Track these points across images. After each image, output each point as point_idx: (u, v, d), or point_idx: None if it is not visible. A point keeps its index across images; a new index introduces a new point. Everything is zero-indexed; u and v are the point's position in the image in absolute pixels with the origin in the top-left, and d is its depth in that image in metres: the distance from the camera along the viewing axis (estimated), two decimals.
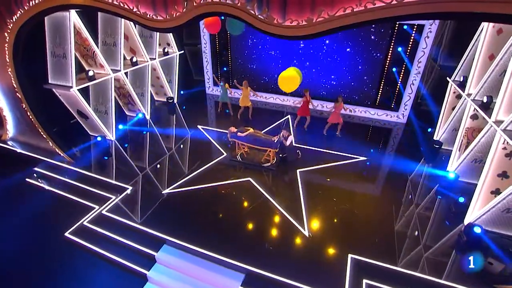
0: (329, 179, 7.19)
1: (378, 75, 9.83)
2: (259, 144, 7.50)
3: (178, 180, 7.00)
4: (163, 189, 6.77)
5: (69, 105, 8.20)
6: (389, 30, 8.98)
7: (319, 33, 3.67)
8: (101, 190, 6.74)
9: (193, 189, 6.75)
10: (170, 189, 6.75)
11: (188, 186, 6.84)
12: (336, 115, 8.70)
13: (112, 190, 6.71)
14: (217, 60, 12.16)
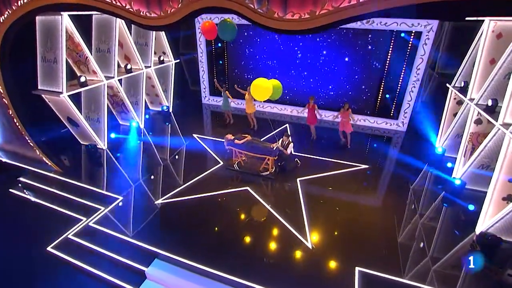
0: (331, 187, 6.87)
1: (377, 83, 9.73)
2: (257, 152, 7.21)
3: (172, 190, 6.63)
4: (156, 199, 6.38)
5: (59, 112, 7.87)
6: (387, 38, 8.96)
7: (323, 27, 3.48)
8: (90, 201, 6.33)
9: (188, 200, 6.38)
10: (163, 200, 6.36)
11: (182, 196, 6.47)
12: (344, 123, 8.44)
13: (101, 201, 6.30)
14: (213, 69, 12.03)
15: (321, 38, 9.81)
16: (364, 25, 8.80)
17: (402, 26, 8.45)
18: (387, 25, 8.59)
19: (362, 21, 8.73)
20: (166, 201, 6.31)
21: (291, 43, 10.27)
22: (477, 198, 5.96)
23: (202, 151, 8.54)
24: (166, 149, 8.92)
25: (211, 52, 11.64)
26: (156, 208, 6.14)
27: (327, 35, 9.67)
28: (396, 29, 8.59)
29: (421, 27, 8.24)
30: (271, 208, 6.05)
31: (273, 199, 6.46)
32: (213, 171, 7.52)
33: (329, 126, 10.23)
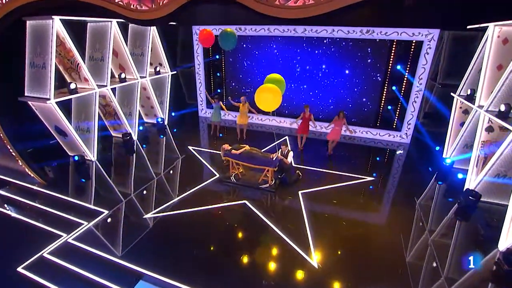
0: (335, 201, 6.37)
1: (378, 95, 9.50)
2: (255, 163, 6.75)
3: (162, 204, 6.09)
4: (145, 213, 5.82)
5: (46, 121, 7.44)
6: (387, 48, 8.82)
7: (328, 14, 3.18)
8: (72, 215, 5.75)
9: (179, 214, 5.83)
10: (152, 214, 5.81)
11: (173, 211, 5.93)
12: (335, 131, 8.08)
13: (85, 215, 5.72)
14: (210, 82, 11.82)
15: (320, 51, 9.66)
16: (364, 35, 8.69)
17: (402, 36, 8.34)
18: (387, 35, 8.47)
19: (362, 31, 8.63)
20: (156, 215, 5.76)
21: (290, 56, 10.11)
22: (495, 211, 5.50)
23: (197, 164, 8.08)
24: (159, 162, 8.45)
25: (209, 64, 11.47)
26: (145, 223, 5.57)
27: (327, 47, 9.54)
28: (396, 38, 8.47)
29: (422, 37, 8.12)
30: (272, 223, 5.51)
31: (273, 214, 5.93)
32: (208, 183, 7.02)
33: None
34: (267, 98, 5.58)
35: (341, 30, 8.85)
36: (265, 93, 5.56)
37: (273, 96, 5.57)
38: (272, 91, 5.58)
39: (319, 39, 9.50)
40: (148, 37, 9.39)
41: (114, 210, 5.90)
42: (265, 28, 9.71)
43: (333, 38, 9.26)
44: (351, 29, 8.73)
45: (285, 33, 9.59)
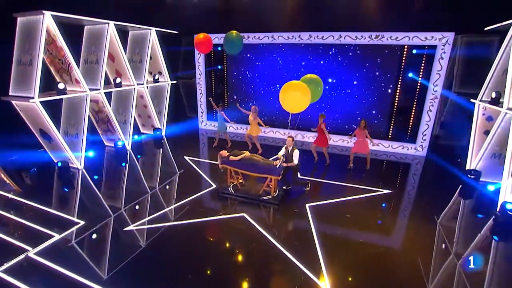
0: (349, 215, 5.51)
1: (389, 105, 8.88)
2: (256, 171, 5.99)
3: (147, 215, 5.31)
4: (127, 225, 5.02)
5: (31, 123, 6.89)
6: (398, 55, 8.34)
7: None
8: (43, 226, 4.96)
9: (167, 227, 5.02)
10: (135, 226, 5.00)
11: (159, 223, 5.12)
12: (360, 143, 7.34)
13: (57, 226, 4.93)
14: (212, 93, 11.38)
15: (326, 61, 9.22)
16: (373, 40, 8.25)
17: (414, 40, 7.88)
18: (398, 40, 8.02)
19: (371, 37, 8.21)
20: (139, 228, 4.95)
21: (294, 67, 9.66)
22: None
23: (192, 174, 7.34)
24: (152, 173, 7.74)
25: (210, 74, 11.09)
26: (125, 237, 4.76)
27: (333, 57, 9.09)
28: (408, 43, 8.01)
29: (436, 41, 7.65)
30: (275, 240, 4.65)
31: (276, 229, 5.08)
32: (203, 194, 6.25)
33: (337, 151, 9.15)
34: (294, 97, 4.99)
35: (349, 35, 8.45)
36: (291, 91, 4.99)
37: (301, 94, 4.99)
38: (300, 88, 5.00)
39: (325, 48, 9.09)
40: (148, 44, 9.08)
41: (90, 221, 5.11)
42: (269, 35, 9.38)
43: (340, 45, 8.84)
44: (359, 34, 8.31)
45: (290, 40, 9.23)
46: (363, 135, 7.22)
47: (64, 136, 7.44)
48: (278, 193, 6.08)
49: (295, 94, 5.14)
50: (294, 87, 5.17)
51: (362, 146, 7.31)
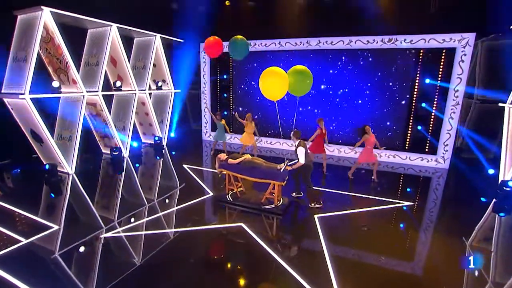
0: (366, 227, 4.71)
1: (405, 113, 8.21)
2: (257, 176, 5.32)
3: (131, 221, 4.67)
4: (105, 231, 4.37)
5: (22, 123, 6.56)
6: (413, 59, 7.81)
7: None
8: (13, 231, 4.38)
9: (148, 236, 4.35)
10: (113, 233, 4.35)
11: (142, 231, 4.46)
12: (367, 152, 6.63)
13: (30, 231, 4.35)
14: (216, 103, 11.02)
15: (336, 71, 8.76)
16: (386, 44, 7.79)
17: (431, 43, 7.36)
18: (412, 43, 7.52)
19: (383, 40, 7.75)
20: (116, 235, 4.29)
21: None
22: None
23: (189, 181, 6.72)
24: (145, 181, 7.18)
25: (216, 83, 10.80)
26: (101, 243, 4.09)
27: (344, 65, 8.63)
28: (423, 46, 7.49)
29: (455, 43, 7.10)
30: (277, 255, 3.88)
31: (280, 243, 4.33)
32: (198, 202, 5.58)
33: (349, 163, 8.40)
34: (272, 84, 4.52)
35: (360, 40, 8.02)
36: (269, 77, 4.51)
37: (278, 81, 4.51)
38: (277, 75, 4.52)
39: (335, 56, 8.67)
40: (152, 50, 8.91)
41: (66, 225, 4.50)
42: (276, 42, 9.09)
43: (350, 52, 8.40)
44: (370, 38, 7.88)
45: (298, 47, 8.88)
46: (371, 142, 6.51)
47: (57, 140, 7.09)
48: (283, 201, 5.37)
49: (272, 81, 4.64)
50: (272, 74, 4.67)
51: (371, 155, 6.59)
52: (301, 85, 4.85)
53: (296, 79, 4.77)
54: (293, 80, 4.73)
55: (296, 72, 4.83)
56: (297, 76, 4.78)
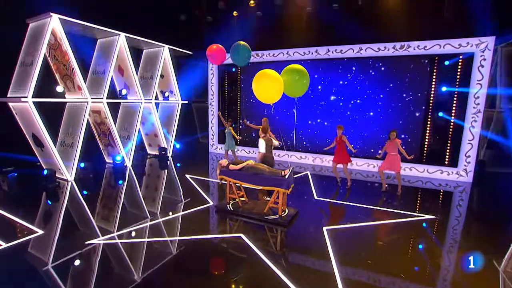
0: (382, 241, 4.17)
1: (420, 124, 7.73)
2: (261, 183, 4.92)
3: (119, 229, 4.33)
4: (90, 238, 4.03)
5: (24, 128, 6.50)
6: (428, 66, 7.45)
7: None
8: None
9: (138, 243, 3.97)
10: (100, 240, 4.00)
11: (130, 239, 4.10)
12: (391, 160, 6.10)
13: (11, 235, 4.06)
14: (224, 115, 10.84)
15: (346, 81, 8.49)
16: (398, 51, 7.48)
17: (446, 48, 7.00)
18: (426, 49, 7.19)
19: (395, 47, 7.47)
20: (99, 242, 3.93)
21: (310, 90, 8.99)
22: None
23: (189, 190, 6.38)
24: (147, 192, 6.88)
25: (224, 95, 10.69)
26: (83, 251, 3.73)
27: (354, 75, 8.35)
28: (438, 52, 7.13)
29: (472, 47, 6.72)
30: (280, 271, 3.41)
31: (283, 257, 3.85)
32: (196, 211, 5.20)
33: (362, 177, 7.87)
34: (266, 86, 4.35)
35: (370, 47, 7.76)
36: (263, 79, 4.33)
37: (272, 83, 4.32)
38: (270, 77, 4.34)
39: (345, 65, 8.43)
40: (159, 60, 8.95)
41: (50, 230, 4.19)
42: (284, 52, 8.96)
43: (362, 62, 8.12)
44: (381, 45, 7.61)
45: (306, 56, 8.71)
46: (395, 147, 6.04)
47: (60, 146, 6.99)
48: (289, 212, 4.91)
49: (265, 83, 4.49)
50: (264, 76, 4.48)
51: (393, 162, 6.08)
52: (297, 84, 4.59)
53: (291, 79, 4.53)
54: (288, 79, 4.50)
55: (290, 71, 4.59)
56: (291, 76, 4.55)
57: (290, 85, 4.63)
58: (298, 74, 4.62)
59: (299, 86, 4.71)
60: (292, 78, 4.61)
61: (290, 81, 4.60)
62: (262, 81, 4.51)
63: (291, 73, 4.63)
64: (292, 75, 4.62)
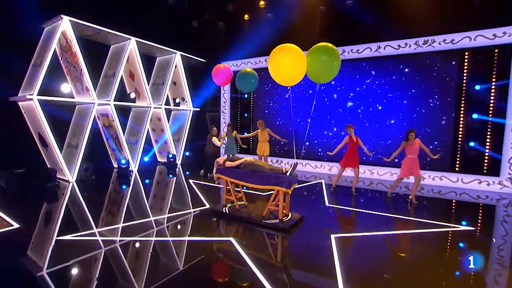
0: (403, 253, 3.37)
1: (451, 129, 6.81)
2: (259, 181, 4.35)
3: (102, 226, 3.93)
4: (63, 234, 3.65)
5: (32, 126, 6.55)
6: (456, 62, 6.65)
7: None
8: None
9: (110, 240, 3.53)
10: (74, 236, 3.60)
11: (113, 236, 3.66)
12: (411, 163, 5.29)
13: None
14: (237, 123, 10.52)
15: (364, 87, 7.86)
16: (421, 47, 6.79)
17: (478, 41, 6.21)
18: (454, 43, 6.44)
19: (417, 43, 6.80)
20: (74, 238, 3.53)
21: (326, 98, 8.48)
22: None
23: (188, 192, 5.93)
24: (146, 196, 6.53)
25: (236, 102, 10.41)
26: (54, 248, 3.34)
27: (374, 79, 7.70)
28: (469, 46, 6.34)
29: (510, 38, 5.88)
30: (268, 282, 2.77)
31: (275, 266, 3.20)
32: (188, 212, 4.70)
33: (384, 187, 6.98)
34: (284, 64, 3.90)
35: (389, 45, 7.15)
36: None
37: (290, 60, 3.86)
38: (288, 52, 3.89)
39: (362, 71, 7.83)
40: (171, 66, 8.94)
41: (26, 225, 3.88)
42: None
43: (380, 63, 7.49)
44: (402, 42, 6.97)
45: None
46: (416, 149, 5.23)
47: (66, 147, 6.96)
48: (292, 216, 4.27)
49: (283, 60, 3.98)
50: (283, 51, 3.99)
51: (415, 166, 5.25)
52: (326, 66, 4.10)
53: (318, 60, 4.03)
54: (314, 60, 4.02)
55: (317, 50, 4.09)
56: (318, 56, 4.05)
57: (316, 66, 4.05)
58: (327, 54, 4.05)
59: (328, 69, 4.12)
60: (319, 59, 4.03)
61: (316, 62, 4.02)
62: (282, 57, 3.96)
63: (317, 53, 4.06)
64: (319, 55, 4.04)
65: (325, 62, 4.07)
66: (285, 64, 4.03)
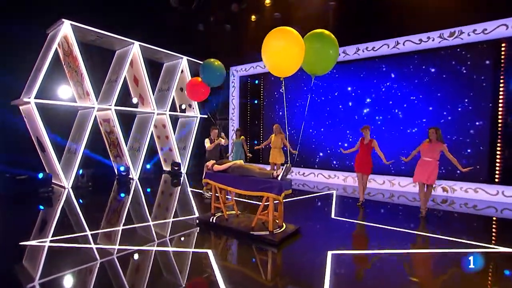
0: (415, 278, 2.58)
1: (487, 136, 5.81)
2: (247, 186, 3.74)
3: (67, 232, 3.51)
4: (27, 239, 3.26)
5: (31, 130, 6.49)
6: (491, 56, 5.74)
7: None
8: None
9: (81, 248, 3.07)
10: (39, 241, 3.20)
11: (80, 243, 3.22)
12: (426, 167, 4.45)
13: None
14: (246, 130, 10.03)
15: (383, 88, 7.09)
16: (447, 40, 5.97)
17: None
18: (486, 33, 5.56)
19: (442, 35, 6.00)
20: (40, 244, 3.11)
21: (341, 104, 7.79)
22: None
23: (180, 202, 5.44)
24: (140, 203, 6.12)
25: (246, 108, 9.98)
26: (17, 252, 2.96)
27: (393, 81, 6.92)
28: (506, 35, 5.43)
29: None
30: None
31: (252, 284, 2.56)
32: (176, 222, 4.18)
33: (407, 201, 6.04)
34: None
35: (410, 40, 6.39)
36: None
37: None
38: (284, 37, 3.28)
39: (379, 72, 7.10)
40: (177, 72, 8.75)
41: None
42: None
43: (400, 64, 6.72)
44: (424, 35, 6.19)
45: None
46: (434, 152, 4.39)
47: (66, 153, 6.84)
48: (285, 228, 3.61)
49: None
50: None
51: (430, 171, 4.38)
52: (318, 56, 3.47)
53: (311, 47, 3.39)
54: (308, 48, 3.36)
55: (312, 37, 3.47)
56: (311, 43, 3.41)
57: (310, 56, 3.39)
58: (320, 40, 3.42)
59: (322, 59, 3.48)
60: (312, 46, 3.37)
61: (310, 51, 3.35)
62: (277, 41, 3.34)
63: (311, 40, 3.42)
64: (312, 42, 3.39)
65: (319, 50, 3.46)
66: (279, 49, 3.41)
